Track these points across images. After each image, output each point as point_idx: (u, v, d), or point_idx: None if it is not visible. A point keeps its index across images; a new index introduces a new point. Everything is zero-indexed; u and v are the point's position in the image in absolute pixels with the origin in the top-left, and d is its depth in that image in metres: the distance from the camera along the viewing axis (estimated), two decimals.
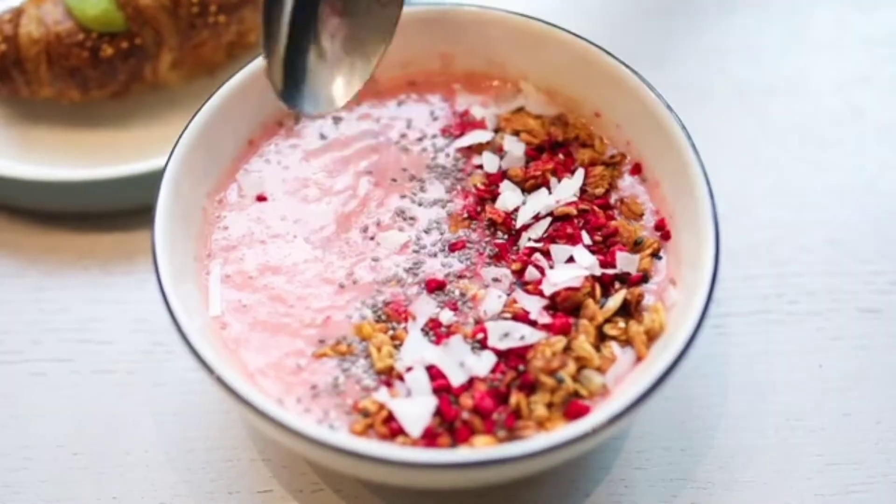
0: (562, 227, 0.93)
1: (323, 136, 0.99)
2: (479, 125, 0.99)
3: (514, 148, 0.97)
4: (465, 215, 0.94)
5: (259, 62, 0.95)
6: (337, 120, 1.00)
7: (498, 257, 0.92)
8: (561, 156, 0.97)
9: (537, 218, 0.93)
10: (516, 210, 0.94)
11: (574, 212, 0.93)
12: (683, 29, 1.21)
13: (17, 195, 1.07)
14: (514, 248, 0.93)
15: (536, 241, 0.92)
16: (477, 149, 0.98)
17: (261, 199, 0.96)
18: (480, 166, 0.97)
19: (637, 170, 0.96)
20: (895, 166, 1.11)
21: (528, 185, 0.95)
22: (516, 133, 0.98)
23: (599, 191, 0.95)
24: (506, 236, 0.93)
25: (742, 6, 1.23)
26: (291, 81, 0.93)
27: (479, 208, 0.95)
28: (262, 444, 0.95)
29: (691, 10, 1.23)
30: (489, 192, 0.95)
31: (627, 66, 0.95)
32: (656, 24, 1.21)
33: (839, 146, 1.12)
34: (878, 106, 1.15)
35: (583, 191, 0.95)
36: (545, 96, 1.00)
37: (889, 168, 1.11)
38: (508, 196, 0.94)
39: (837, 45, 1.20)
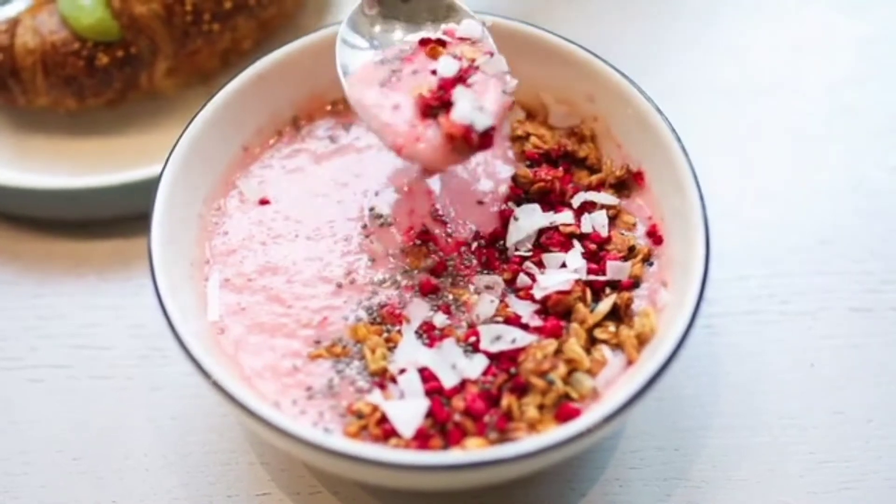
0: (554, 236, 0.93)
1: (333, 140, 1.00)
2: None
3: (490, 64, 0.92)
4: (416, 241, 0.93)
5: (253, 70, 0.96)
6: (347, 126, 1.00)
7: (487, 265, 0.93)
8: (561, 170, 0.97)
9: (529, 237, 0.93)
10: (506, 223, 0.93)
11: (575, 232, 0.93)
12: (672, 31, 1.21)
13: (13, 203, 1.07)
14: (504, 257, 0.93)
15: (526, 251, 0.93)
16: None
17: (264, 202, 0.96)
18: None
19: (639, 178, 0.96)
20: (885, 166, 1.11)
21: (535, 189, 0.95)
22: (527, 135, 0.98)
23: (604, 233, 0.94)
24: (489, 246, 0.93)
25: (731, 8, 1.23)
26: None
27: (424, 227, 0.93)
28: (260, 448, 0.96)
29: (679, 12, 1.23)
30: (438, 99, 0.90)
31: (616, 69, 0.95)
32: (645, 27, 1.21)
33: (829, 146, 1.12)
34: (868, 106, 1.15)
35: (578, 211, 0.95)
36: (566, 108, 1.00)
37: (879, 168, 1.11)
38: (465, 106, 0.88)
39: (827, 45, 1.20)
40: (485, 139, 0.88)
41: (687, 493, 0.93)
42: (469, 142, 0.88)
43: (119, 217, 1.07)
